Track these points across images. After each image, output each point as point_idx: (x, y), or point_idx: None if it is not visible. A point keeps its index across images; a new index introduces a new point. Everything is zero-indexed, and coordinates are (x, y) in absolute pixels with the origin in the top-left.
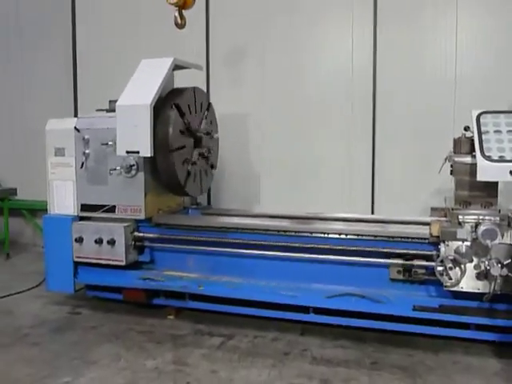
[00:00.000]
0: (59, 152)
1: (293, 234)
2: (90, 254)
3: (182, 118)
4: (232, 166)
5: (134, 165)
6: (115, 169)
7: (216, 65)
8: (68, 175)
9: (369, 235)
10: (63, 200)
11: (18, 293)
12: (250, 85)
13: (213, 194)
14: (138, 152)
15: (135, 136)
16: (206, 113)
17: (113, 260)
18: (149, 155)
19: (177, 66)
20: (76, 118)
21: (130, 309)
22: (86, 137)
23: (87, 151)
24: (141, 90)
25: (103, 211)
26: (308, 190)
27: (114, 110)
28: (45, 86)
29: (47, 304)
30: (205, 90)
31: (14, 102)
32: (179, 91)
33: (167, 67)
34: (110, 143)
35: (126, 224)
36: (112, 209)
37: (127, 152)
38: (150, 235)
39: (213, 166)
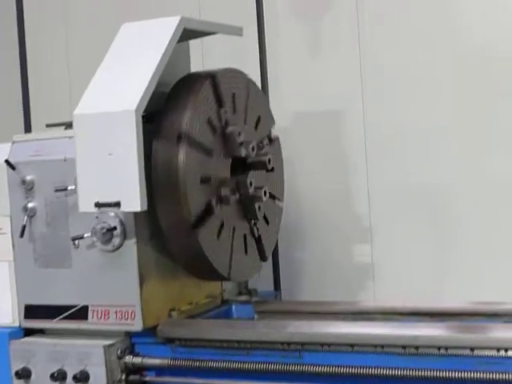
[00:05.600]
0: None
1: (453, 353)
2: None
3: (220, 108)
4: (317, 210)
5: (114, 227)
6: (82, 237)
7: (278, 18)
8: None
9: None
10: None
11: None
12: (341, 56)
13: (283, 270)
14: (117, 204)
15: (112, 174)
16: (265, 141)
17: None
18: (139, 209)
19: (189, 33)
20: (9, 144)
21: None
22: (29, 177)
23: (31, 205)
24: (120, 82)
25: (65, 318)
26: (475, 248)
27: None
28: None
29: None
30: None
31: None
32: (205, 73)
33: (169, 35)
34: (70, 188)
35: (107, 342)
36: (81, 313)
37: (97, 205)
38: (156, 362)
39: (262, 252)
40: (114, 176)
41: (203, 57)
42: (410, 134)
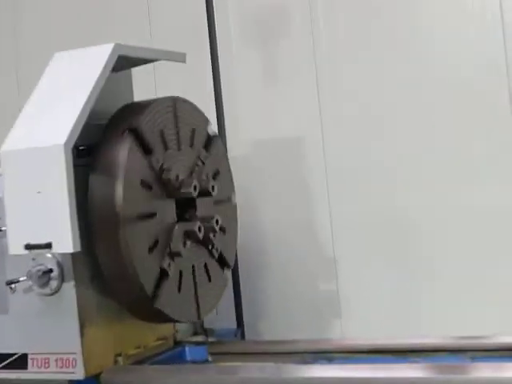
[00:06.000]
0: None
1: None
2: None
3: (148, 155)
4: (279, 241)
5: (51, 270)
6: (18, 280)
7: (231, 46)
8: None
9: None
10: None
11: None
12: (298, 82)
13: (245, 306)
14: (48, 245)
15: (42, 213)
16: (202, 151)
17: None
18: (71, 250)
19: (129, 60)
20: None
21: None
22: None
23: None
24: (49, 115)
25: (4, 367)
26: (450, 279)
27: None
28: None
29: None
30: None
31: None
32: (138, 107)
33: (102, 63)
34: (4, 228)
35: None
36: (21, 361)
37: (28, 247)
38: None
39: (225, 263)
40: (44, 215)
41: (156, 86)
42: (371, 162)
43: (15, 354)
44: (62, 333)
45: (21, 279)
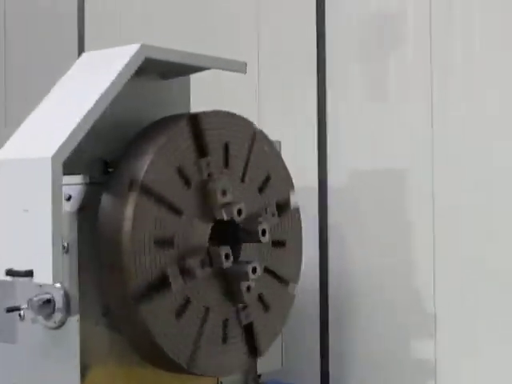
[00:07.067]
0: None
1: None
2: None
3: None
4: (372, 288)
5: (49, 300)
6: (18, 308)
7: (340, 65)
8: None
9: None
10: None
11: None
12: (410, 106)
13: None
14: (29, 273)
15: (26, 235)
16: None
17: None
18: (51, 281)
19: (173, 66)
20: None
21: None
22: None
23: None
24: (54, 122)
25: None
26: None
27: None
28: None
29: None
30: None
31: None
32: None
33: (120, 66)
34: None
35: None
36: None
37: (9, 273)
38: None
39: (251, 345)
40: (28, 238)
41: (258, 101)
42: (486, 202)
43: None
44: (63, 374)
45: (22, 307)
